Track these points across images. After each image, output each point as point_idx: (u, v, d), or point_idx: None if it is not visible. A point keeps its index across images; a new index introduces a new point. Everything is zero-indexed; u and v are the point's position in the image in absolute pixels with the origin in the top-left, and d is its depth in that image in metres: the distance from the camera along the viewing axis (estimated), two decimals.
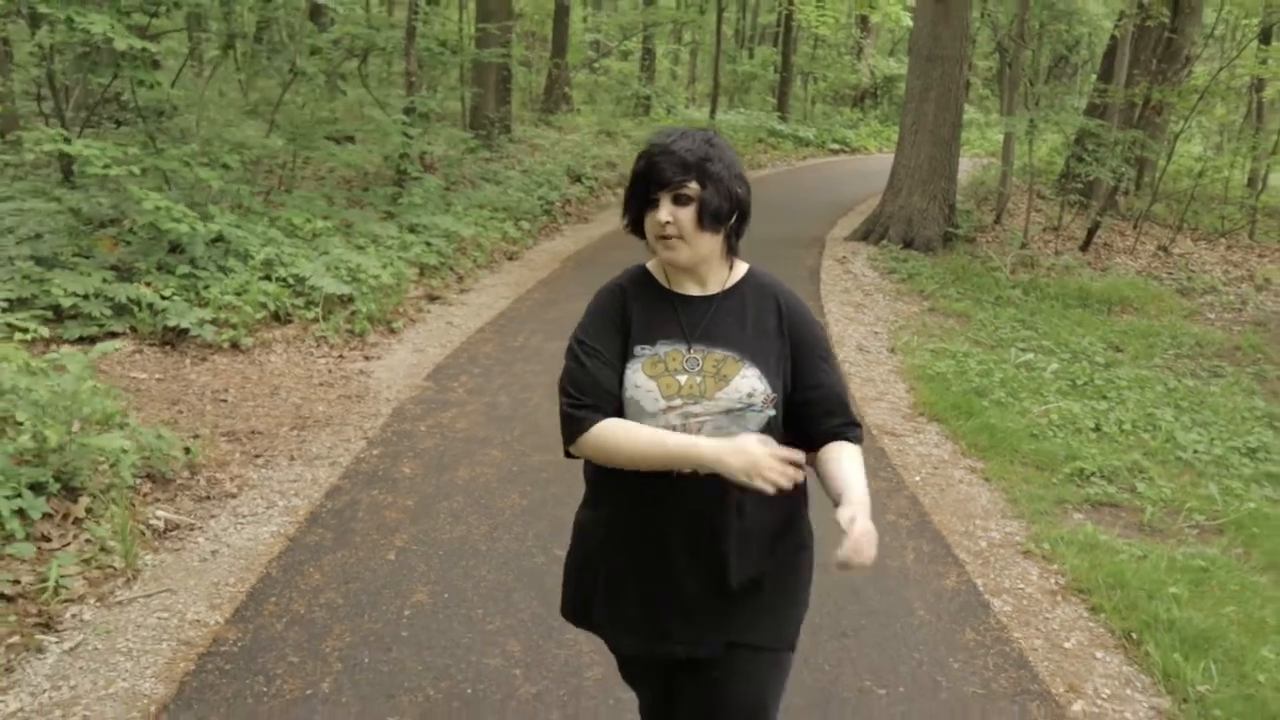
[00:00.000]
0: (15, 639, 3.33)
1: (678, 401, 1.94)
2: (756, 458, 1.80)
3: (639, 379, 1.96)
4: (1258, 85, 20.90)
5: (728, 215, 1.98)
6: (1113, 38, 15.76)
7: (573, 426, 1.96)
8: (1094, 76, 20.47)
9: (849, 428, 2.07)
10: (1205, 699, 3.32)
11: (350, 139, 12.72)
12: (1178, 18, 14.75)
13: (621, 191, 14.47)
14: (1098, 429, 6.19)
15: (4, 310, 5.73)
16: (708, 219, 1.94)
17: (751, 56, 33.39)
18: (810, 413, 2.04)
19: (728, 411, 1.93)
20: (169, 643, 3.37)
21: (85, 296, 6.57)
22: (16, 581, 3.59)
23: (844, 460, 2.01)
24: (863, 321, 9.00)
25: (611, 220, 13.50)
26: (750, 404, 1.94)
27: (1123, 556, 4.37)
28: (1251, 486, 5.43)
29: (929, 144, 12.43)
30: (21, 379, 4.52)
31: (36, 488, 3.99)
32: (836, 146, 26.19)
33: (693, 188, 1.92)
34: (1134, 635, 3.71)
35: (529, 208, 12.34)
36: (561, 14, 21.85)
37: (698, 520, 1.97)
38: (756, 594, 2.04)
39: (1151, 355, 8.32)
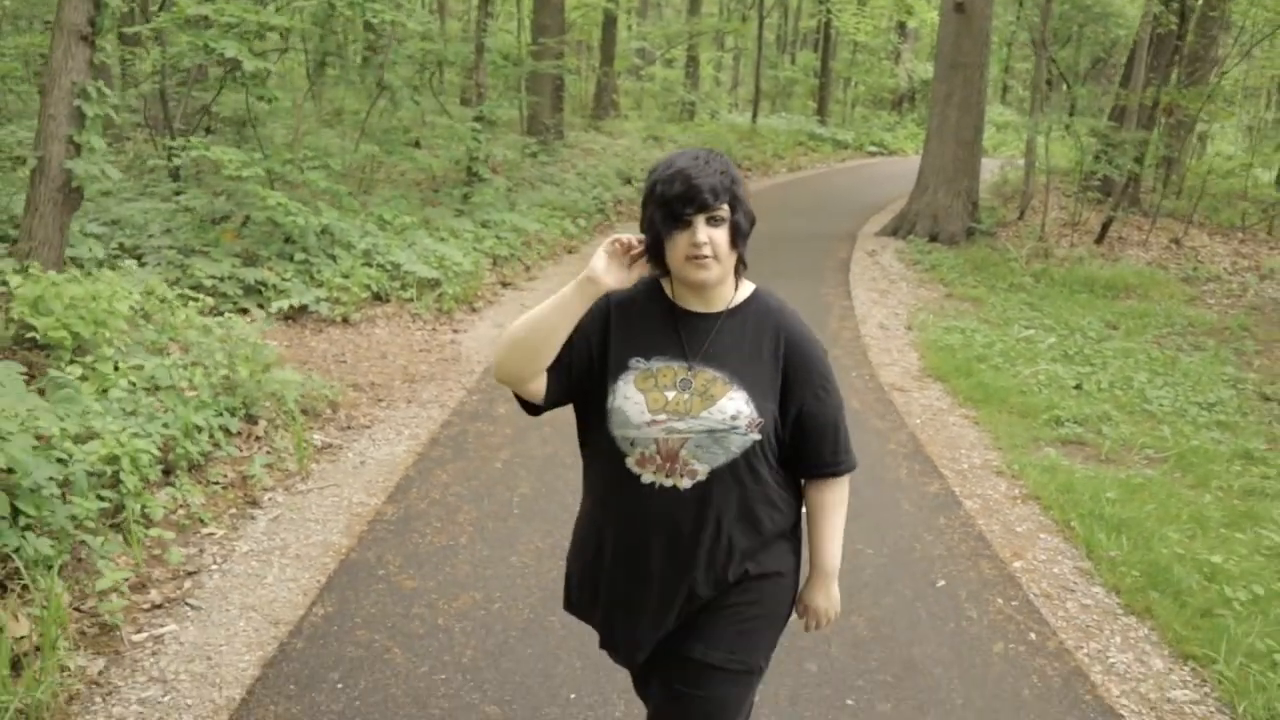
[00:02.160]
0: (233, 511, 4.57)
1: (662, 416, 1.98)
2: (598, 260, 1.95)
3: (629, 390, 2.01)
4: None
5: (748, 236, 2.04)
6: (1135, 42, 16.64)
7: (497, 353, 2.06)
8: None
9: (842, 457, 2.12)
10: (1115, 560, 4.42)
11: (417, 144, 14.03)
12: (1205, 22, 15.65)
13: None
14: (1079, 387, 7.25)
15: (170, 286, 7.02)
16: (740, 239, 2.00)
17: (793, 62, 34.46)
18: (801, 441, 2.08)
19: (710, 431, 1.97)
20: (344, 515, 4.59)
21: (221, 279, 7.84)
22: (225, 476, 4.83)
23: (826, 518, 2.14)
24: (886, 305, 10.08)
25: None
26: (734, 426, 1.97)
27: (1077, 475, 5.46)
28: (1201, 431, 6.47)
29: (953, 145, 13.49)
30: (200, 335, 5.82)
31: (231, 411, 5.24)
32: (874, 149, 27.19)
33: (725, 210, 1.96)
34: (1071, 523, 4.81)
35: (585, 207, 13.57)
36: (609, 25, 23.09)
37: (673, 528, 2.02)
38: (727, 611, 2.09)
39: (1143, 332, 9.33)
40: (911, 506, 4.97)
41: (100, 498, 3.99)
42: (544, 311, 1.98)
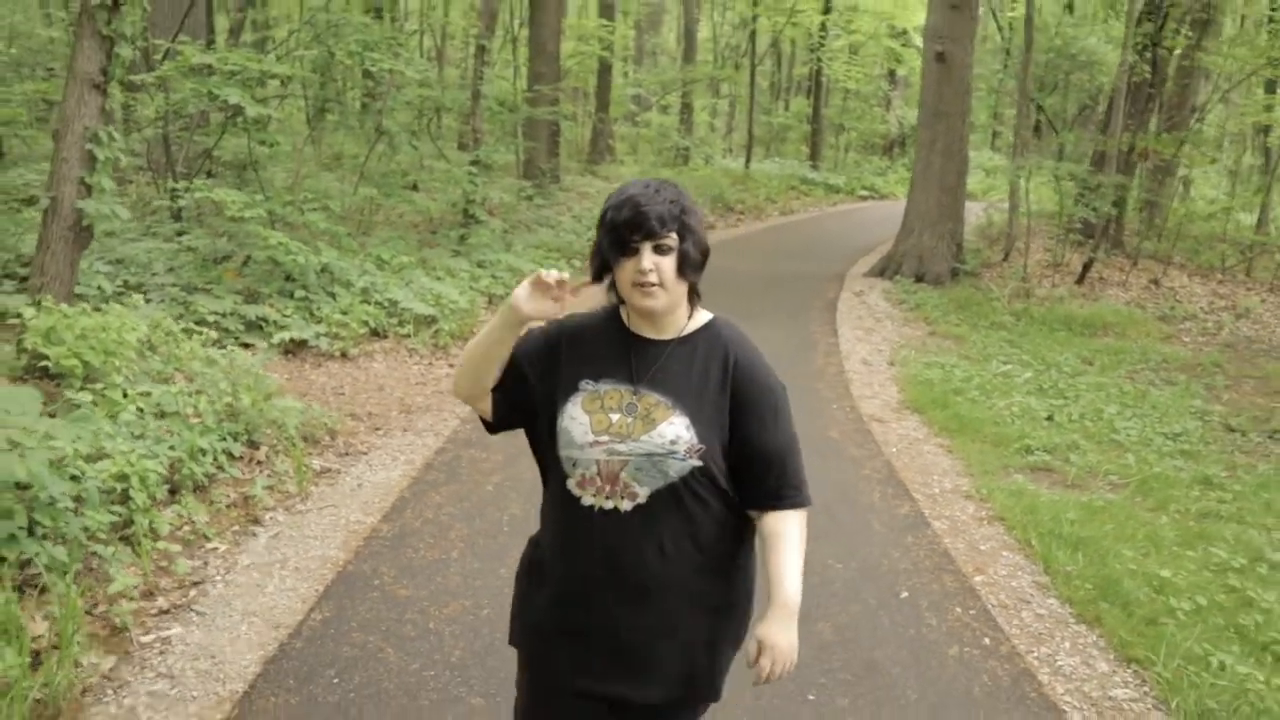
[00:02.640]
0: (236, 528, 4.82)
1: (605, 438, 2.00)
2: (522, 290, 1.99)
3: (576, 411, 2.03)
4: (1265, 131, 22.13)
5: (700, 266, 2.05)
6: (1114, 90, 17.11)
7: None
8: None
9: (789, 491, 2.09)
10: (1070, 575, 4.67)
11: (414, 188, 14.41)
12: (1183, 71, 16.14)
13: None
14: (1050, 419, 7.53)
15: (176, 320, 7.30)
16: (688, 268, 2.01)
17: (787, 108, 35.11)
18: (749, 470, 2.07)
19: (649, 455, 1.98)
20: (341, 533, 4.84)
21: (223, 315, 8.12)
22: (228, 496, 5.08)
23: (778, 550, 2.04)
24: (870, 342, 10.37)
25: None
26: (672, 451, 1.98)
27: (1041, 499, 5.72)
28: (1165, 459, 6.73)
29: (937, 190, 13.88)
30: (204, 366, 6.10)
31: (234, 436, 5.50)
32: (865, 193, 27.65)
33: (673, 239, 1.98)
34: (1031, 542, 5.06)
35: (579, 248, 13.91)
36: (605, 72, 23.64)
37: (613, 552, 2.02)
38: (680, 646, 2.08)
39: (1117, 368, 9.62)
40: (882, 526, 5.22)
41: (111, 512, 4.24)
42: (479, 336, 2.09)
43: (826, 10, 27.08)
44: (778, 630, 1.98)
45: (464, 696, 3.40)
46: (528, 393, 2.12)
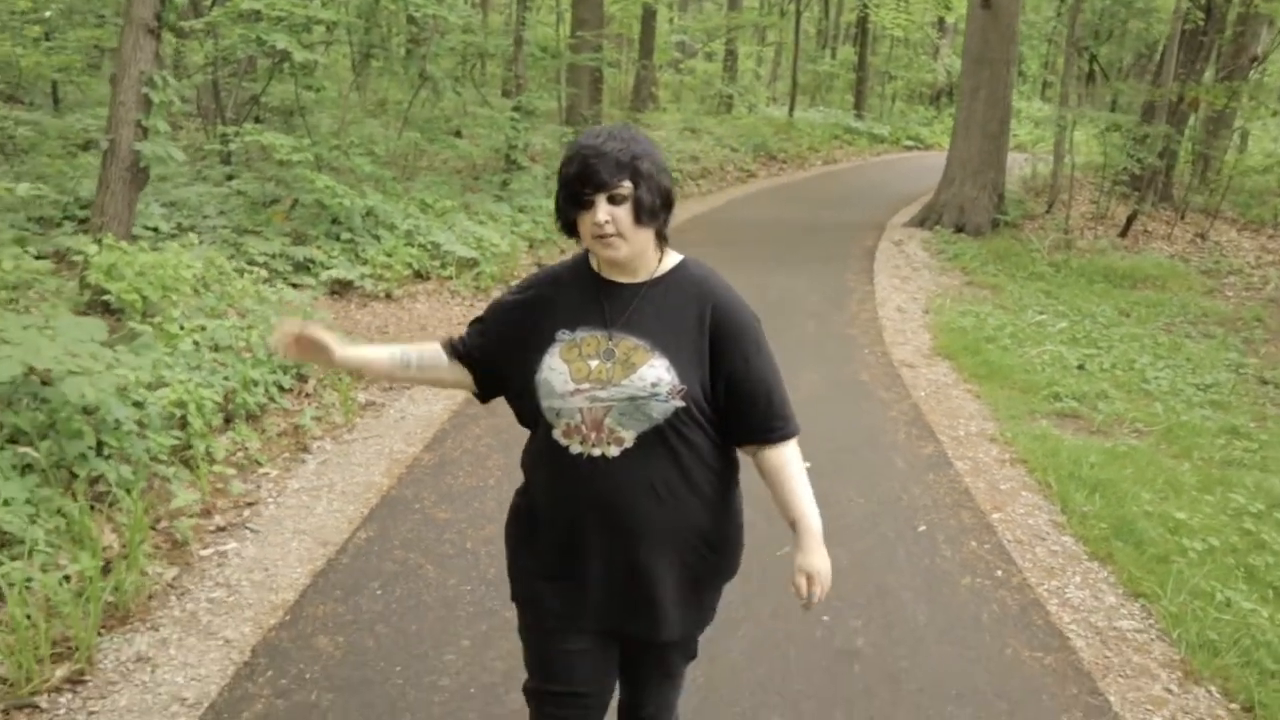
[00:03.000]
0: (286, 455, 5.08)
1: (585, 385, 1.99)
2: (274, 340, 2.12)
3: (554, 361, 2.03)
4: None
5: (661, 209, 2.03)
6: (1167, 38, 16.79)
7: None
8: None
9: (778, 422, 2.11)
10: (1087, 515, 4.80)
11: (458, 134, 14.58)
12: (1243, 19, 15.77)
13: (703, 183, 16.20)
14: (1081, 367, 7.60)
15: (229, 259, 7.56)
16: (644, 215, 1.99)
17: (833, 56, 34.65)
18: (735, 406, 2.08)
19: (631, 399, 1.98)
20: (385, 461, 5.09)
21: (272, 256, 8.37)
22: (278, 426, 5.34)
23: (786, 482, 2.10)
24: (906, 290, 10.44)
25: (692, 208, 15.12)
26: (654, 393, 1.98)
27: (1065, 443, 5.84)
28: (1193, 409, 6.80)
29: (979, 138, 13.79)
30: (254, 303, 6.35)
31: (284, 369, 5.75)
32: (910, 143, 27.38)
33: (626, 187, 1.96)
34: (1051, 483, 5.19)
35: None
36: (649, 18, 23.50)
37: (605, 498, 2.03)
38: (675, 585, 2.12)
39: (1154, 320, 9.62)
40: (904, 464, 5.38)
41: (172, 436, 4.51)
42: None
43: None
44: (816, 559, 2.03)
45: (498, 610, 3.63)
46: (502, 356, 2.15)
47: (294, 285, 8.02)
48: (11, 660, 3.06)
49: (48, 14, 13.04)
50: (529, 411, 2.11)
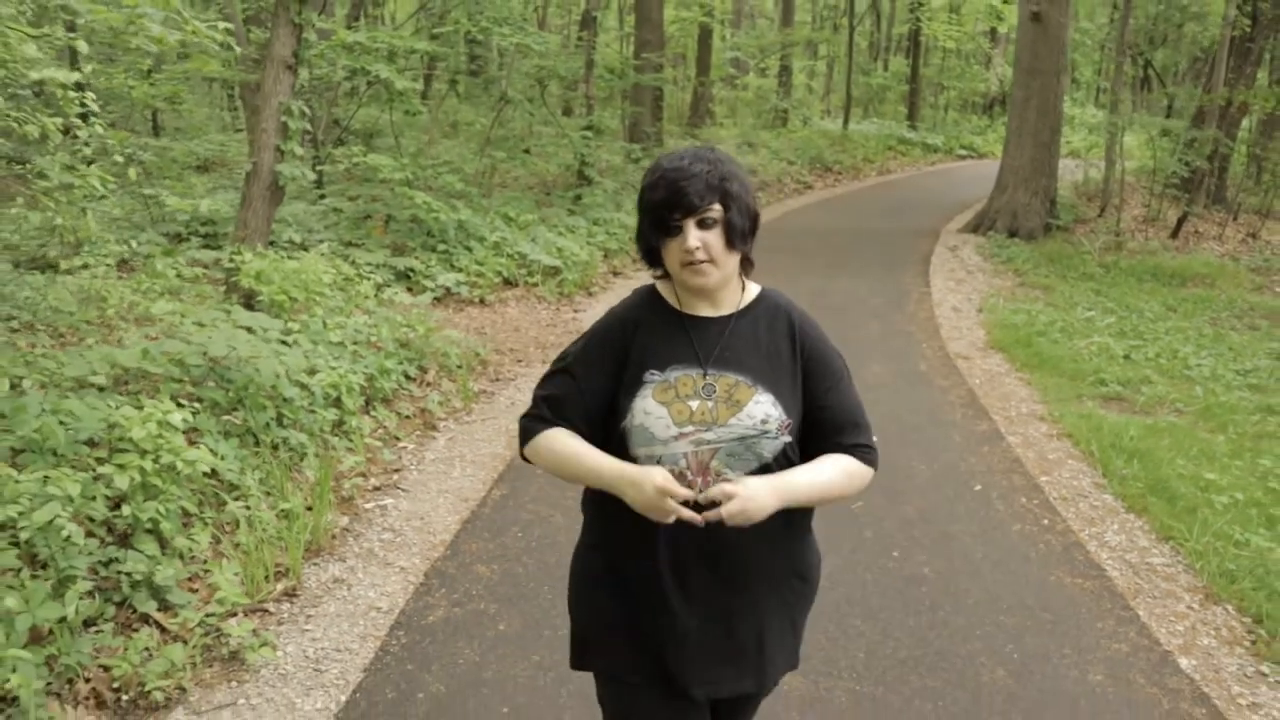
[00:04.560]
0: (418, 433, 5.87)
1: (689, 429, 1.89)
2: (649, 495, 1.81)
3: (649, 405, 1.91)
4: None
5: (750, 233, 1.97)
6: (1217, 44, 17.18)
7: (522, 434, 2.03)
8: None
9: (858, 448, 2.00)
10: (1126, 477, 5.42)
11: (527, 151, 15.46)
12: None
13: (762, 196, 16.94)
14: (1127, 357, 8.17)
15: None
16: (736, 239, 1.92)
17: (886, 68, 35.19)
18: (820, 432, 1.99)
19: (741, 439, 1.89)
20: (503, 437, 5.85)
21: (375, 266, 9.23)
22: (409, 409, 6.14)
23: (818, 461, 1.97)
24: (961, 291, 11.04)
25: None
26: (765, 430, 1.90)
27: (1109, 421, 6.44)
28: (1232, 391, 7.34)
29: (1031, 146, 14.34)
30: (376, 305, 7.17)
31: (409, 361, 6.55)
32: (964, 152, 27.83)
33: (717, 210, 1.89)
34: (1094, 451, 5.81)
35: None
36: (705, 37, 24.30)
37: (716, 551, 1.94)
38: (775, 627, 2.04)
39: (1201, 314, 10.12)
40: (961, 439, 6.03)
41: (332, 413, 5.31)
42: (582, 463, 1.94)
43: None
44: (764, 487, 1.86)
45: None
46: (600, 408, 2.00)
47: (409, 290, 8.84)
48: (245, 575, 3.85)
49: (133, 45, 14.05)
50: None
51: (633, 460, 1.91)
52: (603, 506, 1.98)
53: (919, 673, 3.48)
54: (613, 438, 1.96)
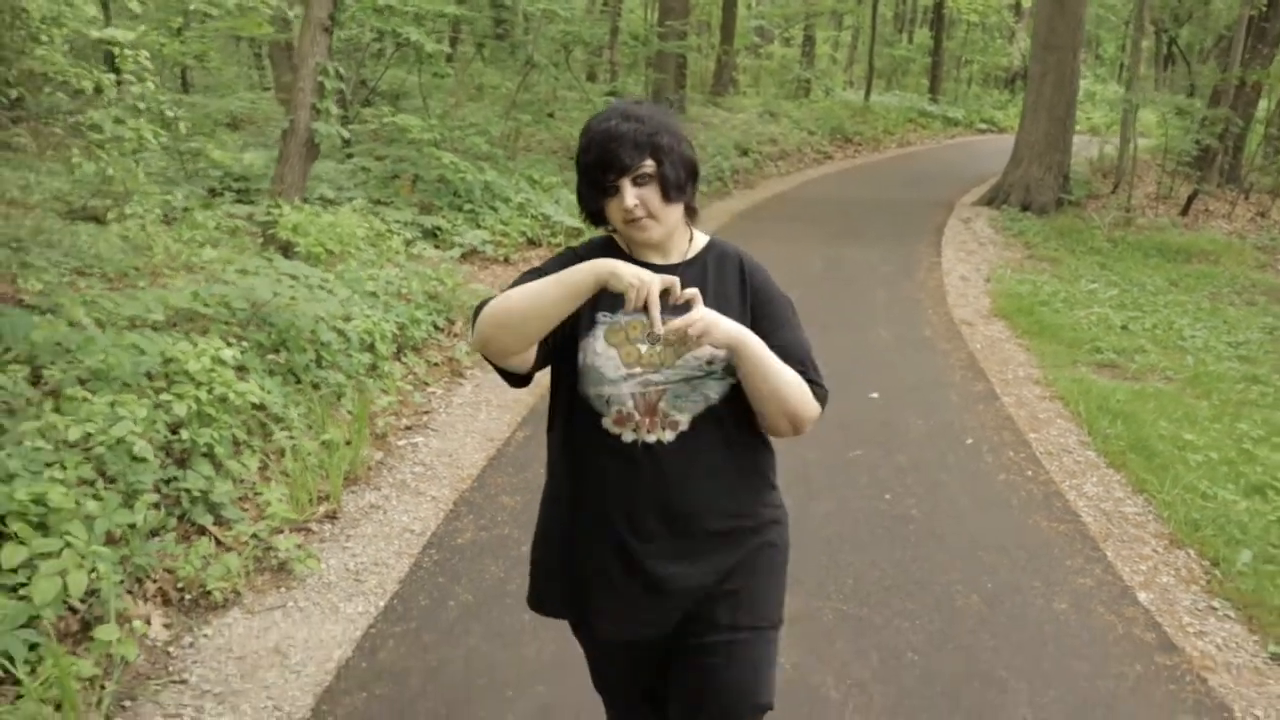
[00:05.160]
0: (446, 379, 6.25)
1: (638, 370, 1.93)
2: (615, 267, 1.78)
3: (599, 346, 1.95)
4: None
5: (687, 182, 1.98)
6: (1236, 24, 17.27)
7: (475, 313, 1.97)
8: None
9: (808, 382, 1.99)
10: (1109, 436, 5.75)
11: (550, 115, 15.75)
12: None
13: (782, 164, 17.18)
14: (1124, 328, 8.47)
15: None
16: (672, 191, 1.94)
17: (910, 40, 35.19)
18: None
19: (688, 379, 1.93)
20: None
21: (404, 223, 9.58)
22: (437, 357, 6.51)
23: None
24: (970, 262, 11.32)
25: (772, 187, 16.12)
26: (710, 371, 1.94)
27: (1100, 385, 6.76)
28: (1222, 361, 7.64)
29: (1046, 121, 14.54)
30: (406, 259, 7.54)
31: (438, 312, 6.93)
32: (984, 126, 27.92)
33: (649, 165, 1.90)
34: (1081, 412, 6.14)
35: (705, 174, 15.05)
36: (730, 4, 24.40)
37: (662, 484, 1.96)
38: (735, 573, 2.04)
39: (1202, 289, 10.39)
40: (958, 398, 6.37)
41: (367, 356, 5.69)
42: (551, 295, 1.84)
43: None
44: (726, 321, 1.88)
45: None
46: (564, 330, 1.97)
47: (436, 247, 9.19)
48: (291, 498, 4.24)
49: (191, 7, 14.41)
50: (568, 399, 2.04)
51: (583, 399, 1.98)
52: (564, 456, 2.09)
53: (899, 598, 3.85)
54: (569, 372, 2.00)
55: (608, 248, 2.06)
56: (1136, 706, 3.27)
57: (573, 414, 2.02)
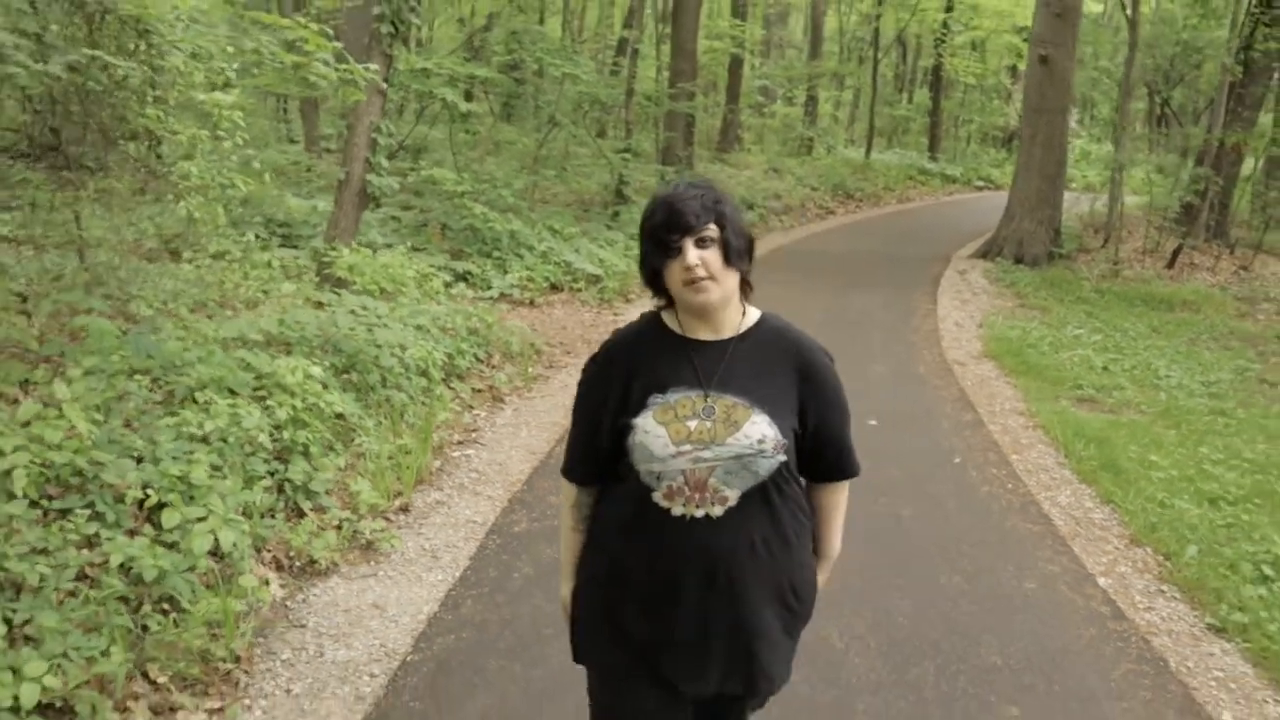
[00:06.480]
0: (489, 403, 6.98)
1: (687, 447, 2.00)
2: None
3: (649, 424, 2.02)
4: None
5: (746, 253, 2.07)
6: (1217, 88, 18.21)
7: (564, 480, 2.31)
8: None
9: (849, 465, 2.22)
10: (1083, 457, 6.45)
11: (564, 170, 16.66)
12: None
13: (785, 219, 18.06)
14: (1105, 368, 9.19)
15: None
16: (733, 256, 2.02)
17: (910, 100, 36.36)
18: (819, 453, 2.17)
19: (738, 457, 2.00)
20: (560, 410, 6.94)
21: (438, 268, 10.36)
22: (479, 385, 7.24)
23: (833, 520, 2.29)
24: (965, 310, 12.08)
25: (775, 240, 16.95)
26: (761, 450, 2.01)
27: (1078, 415, 7.47)
28: (1193, 398, 8.35)
29: (1037, 179, 15.41)
30: (446, 299, 8.30)
31: (478, 345, 7.67)
32: (981, 183, 28.90)
33: (713, 230, 1.99)
34: (1059, 438, 6.84)
35: None
36: (735, 66, 25.52)
37: (709, 557, 2.04)
38: (768, 639, 2.14)
39: (1181, 335, 11.12)
40: (949, 425, 7.08)
41: (421, 378, 6.42)
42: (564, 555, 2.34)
43: (949, 8, 28.40)
44: (821, 578, 2.30)
45: None
46: (607, 436, 2.14)
47: (470, 289, 9.94)
48: (373, 493, 4.95)
49: (235, 66, 15.41)
50: (620, 471, 2.14)
51: (635, 474, 2.08)
52: (613, 528, 2.17)
53: (890, 574, 4.54)
54: (622, 450, 2.10)
55: (655, 325, 2.16)
56: (1090, 657, 3.95)
57: (623, 485, 2.12)
